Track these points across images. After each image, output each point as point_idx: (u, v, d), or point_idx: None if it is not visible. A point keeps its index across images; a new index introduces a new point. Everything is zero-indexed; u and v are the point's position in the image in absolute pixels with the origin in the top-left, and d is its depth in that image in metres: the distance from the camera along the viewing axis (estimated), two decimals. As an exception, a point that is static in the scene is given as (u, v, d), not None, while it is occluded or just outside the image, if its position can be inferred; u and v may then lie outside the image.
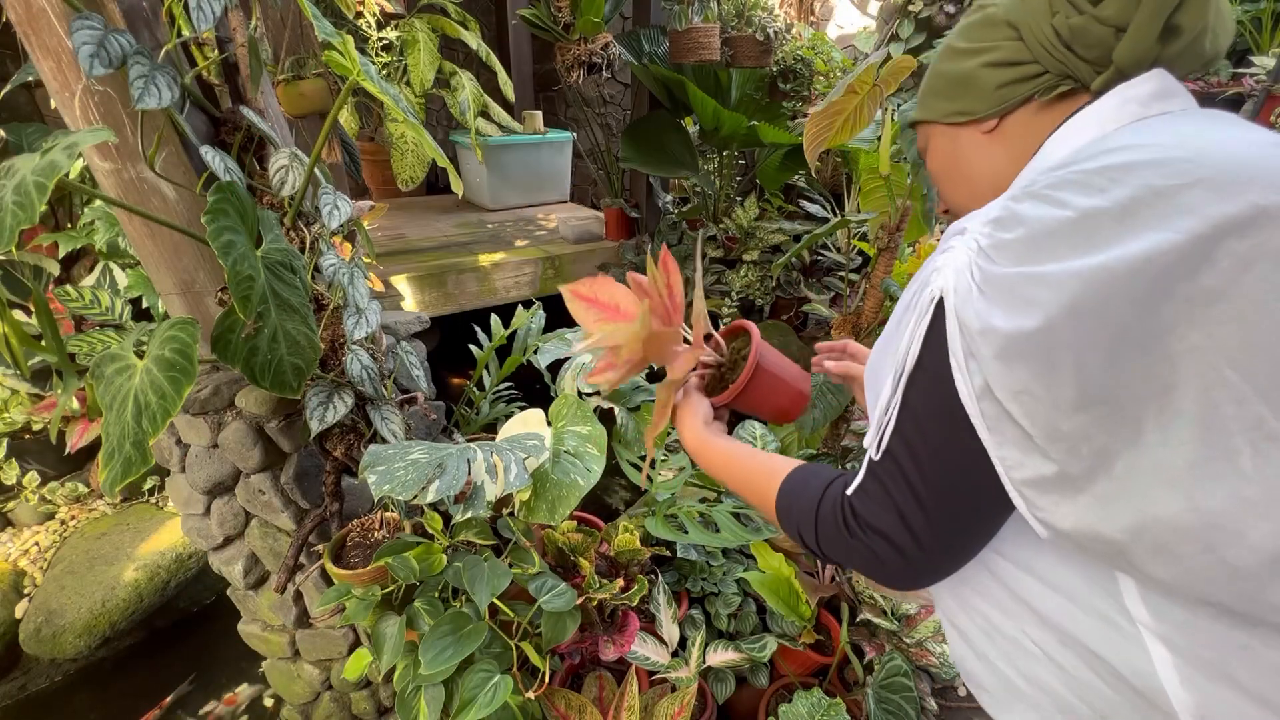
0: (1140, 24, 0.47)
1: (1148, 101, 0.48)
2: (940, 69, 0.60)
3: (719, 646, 1.34)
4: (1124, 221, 0.38)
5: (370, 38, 2.67)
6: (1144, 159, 0.40)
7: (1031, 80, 0.54)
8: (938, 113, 0.61)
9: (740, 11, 2.74)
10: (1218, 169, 0.38)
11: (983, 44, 0.56)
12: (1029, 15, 0.53)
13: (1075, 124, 0.51)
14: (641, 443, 1.37)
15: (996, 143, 0.58)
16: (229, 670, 2.03)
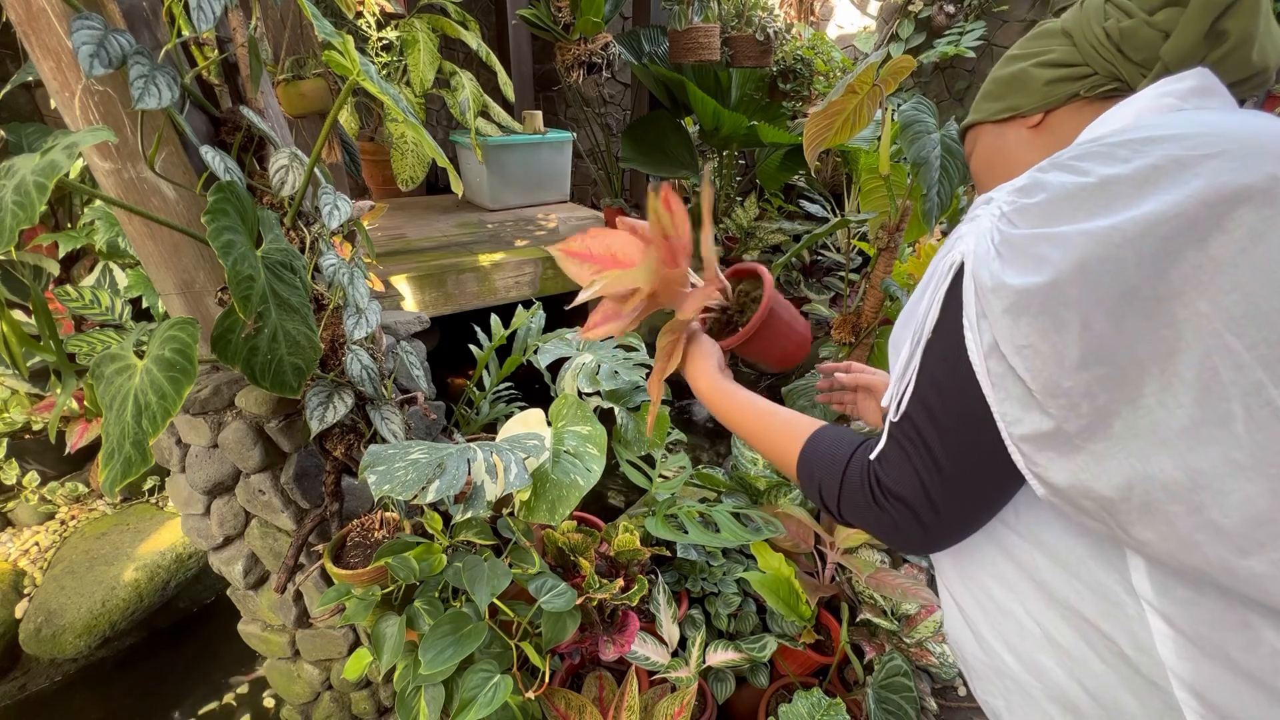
0: (1187, 22, 0.49)
1: (1186, 96, 0.48)
2: (995, 74, 0.63)
3: (719, 646, 1.34)
4: (1142, 188, 0.39)
5: (370, 38, 2.67)
6: (1169, 134, 0.41)
7: (1079, 80, 0.56)
8: (987, 113, 0.63)
9: (740, 11, 2.74)
10: (1240, 143, 0.38)
11: (1037, 48, 0.59)
12: (1082, 20, 0.55)
13: (1113, 111, 0.52)
14: (642, 442, 1.37)
15: (1040, 137, 0.59)
16: (229, 670, 2.03)
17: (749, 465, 1.71)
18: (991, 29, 4.28)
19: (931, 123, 1.30)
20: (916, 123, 1.27)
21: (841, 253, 3.16)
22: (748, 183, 3.74)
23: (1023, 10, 4.16)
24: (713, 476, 1.68)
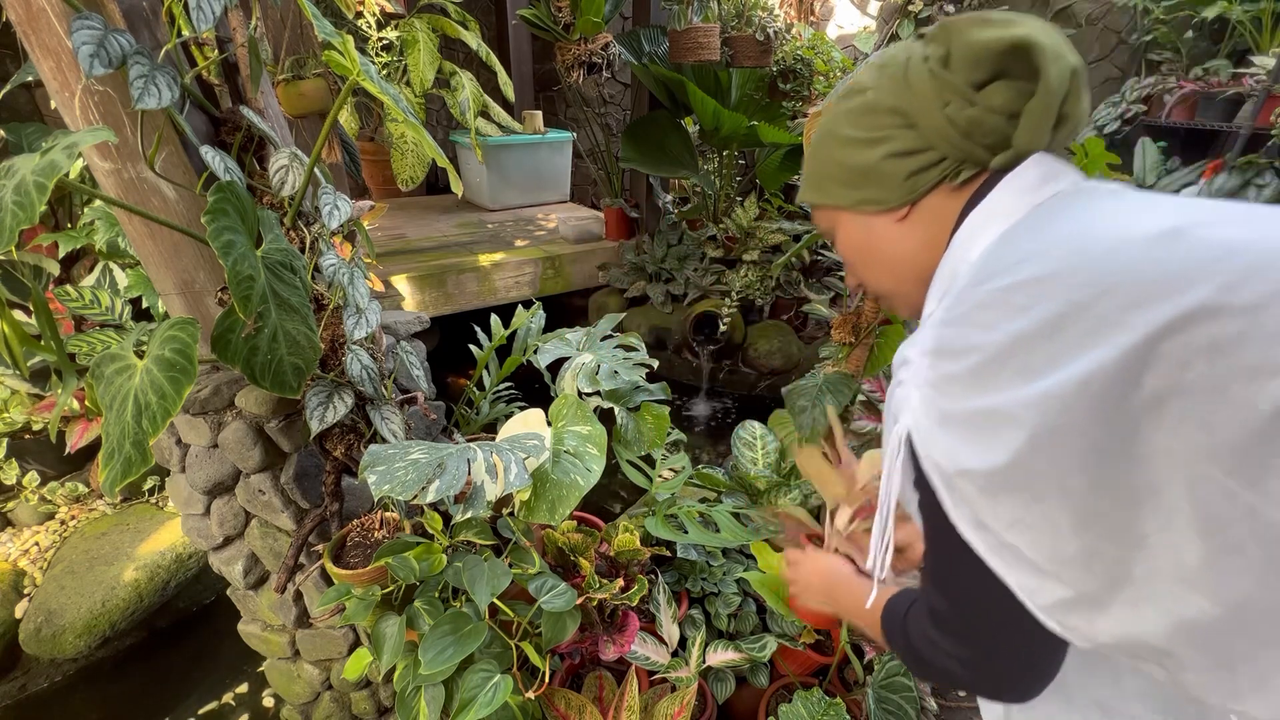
0: (1038, 115, 0.50)
1: (1038, 186, 0.50)
2: (837, 157, 0.60)
3: (719, 646, 1.34)
4: (1055, 340, 0.40)
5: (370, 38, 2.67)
6: (1051, 270, 0.42)
7: (936, 166, 0.55)
8: (845, 200, 0.60)
9: (740, 11, 2.74)
10: (1125, 276, 0.39)
11: (877, 133, 0.56)
12: (919, 106, 0.53)
13: (979, 217, 0.52)
14: (641, 442, 1.37)
15: (911, 228, 0.58)
16: (229, 670, 2.03)
17: (749, 465, 1.72)
18: (991, 29, 4.27)
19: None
20: (916, 123, 1.27)
21: (841, 253, 3.16)
22: (748, 183, 3.74)
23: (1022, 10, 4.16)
24: (713, 476, 1.68)
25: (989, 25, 0.51)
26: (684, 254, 3.37)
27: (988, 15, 0.52)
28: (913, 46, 0.56)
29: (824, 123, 0.61)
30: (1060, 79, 0.49)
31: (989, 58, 0.51)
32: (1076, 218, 0.46)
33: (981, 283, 0.46)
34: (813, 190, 0.64)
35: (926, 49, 0.54)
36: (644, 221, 3.52)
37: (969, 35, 0.51)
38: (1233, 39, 3.30)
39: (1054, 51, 0.49)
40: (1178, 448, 0.37)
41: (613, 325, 1.54)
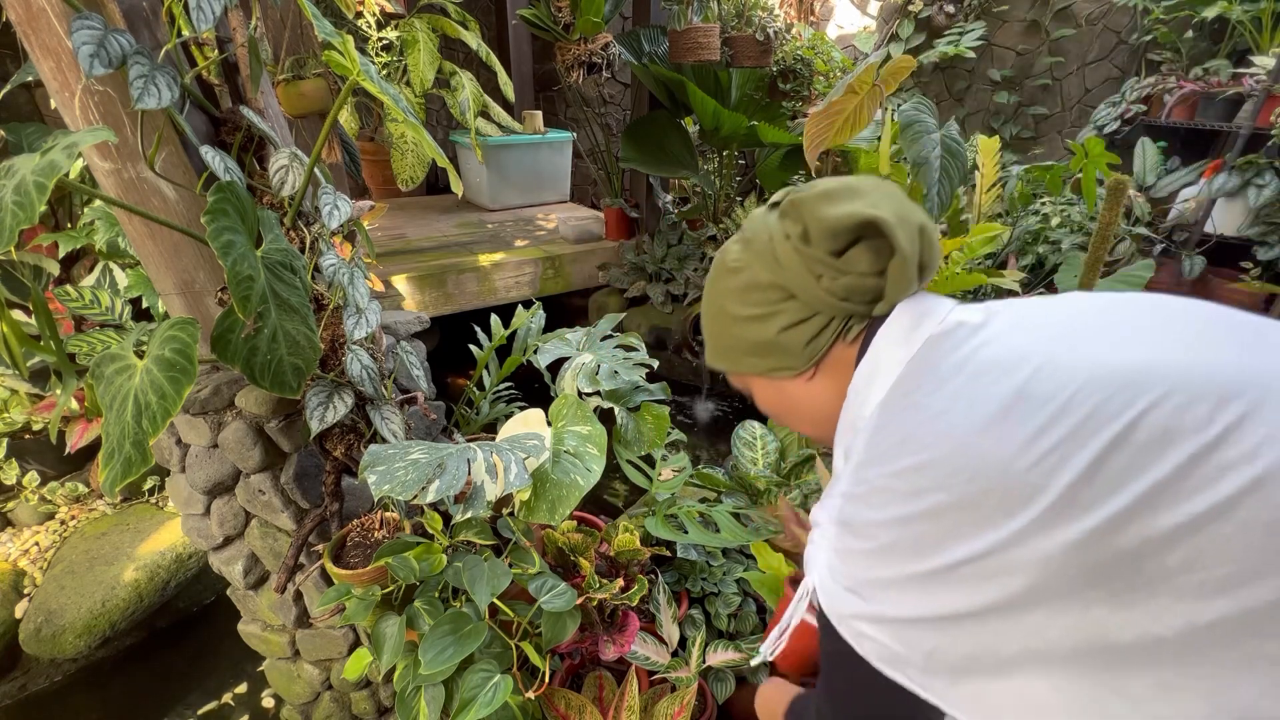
0: (899, 275, 0.56)
1: (910, 333, 0.56)
2: (736, 333, 0.65)
3: (719, 646, 1.33)
4: (939, 524, 0.46)
5: (370, 38, 2.67)
6: (926, 459, 0.48)
7: (827, 329, 0.60)
8: (756, 370, 0.66)
9: (740, 11, 2.74)
10: (981, 470, 0.45)
11: (766, 309, 0.62)
12: (795, 281, 0.59)
13: (864, 371, 0.58)
14: (641, 442, 1.37)
15: (819, 384, 0.64)
16: (229, 670, 2.03)
17: (749, 465, 1.71)
18: (991, 29, 4.27)
19: (931, 123, 1.30)
20: (916, 123, 1.27)
21: (841, 253, 3.17)
22: (748, 183, 3.74)
23: (1022, 10, 4.16)
24: (713, 476, 1.67)
25: (835, 200, 0.57)
26: (684, 254, 3.37)
27: (830, 189, 0.58)
28: (770, 223, 0.61)
29: (713, 299, 0.67)
30: (911, 241, 0.55)
31: (843, 232, 0.56)
32: (945, 382, 0.50)
33: (874, 463, 0.52)
34: (722, 360, 0.69)
35: (784, 226, 0.60)
36: (644, 221, 3.51)
37: (820, 213, 0.56)
38: (1233, 39, 3.30)
39: (898, 218, 0.55)
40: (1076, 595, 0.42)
41: (613, 325, 1.54)
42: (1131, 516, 0.40)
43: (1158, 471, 0.40)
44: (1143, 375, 0.42)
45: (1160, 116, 3.29)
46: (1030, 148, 4.42)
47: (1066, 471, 0.42)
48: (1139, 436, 0.41)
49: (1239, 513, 0.38)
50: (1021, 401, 0.45)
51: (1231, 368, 0.41)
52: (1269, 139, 2.74)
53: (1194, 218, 3.02)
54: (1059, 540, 0.41)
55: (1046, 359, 0.46)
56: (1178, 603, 0.39)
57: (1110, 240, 1.33)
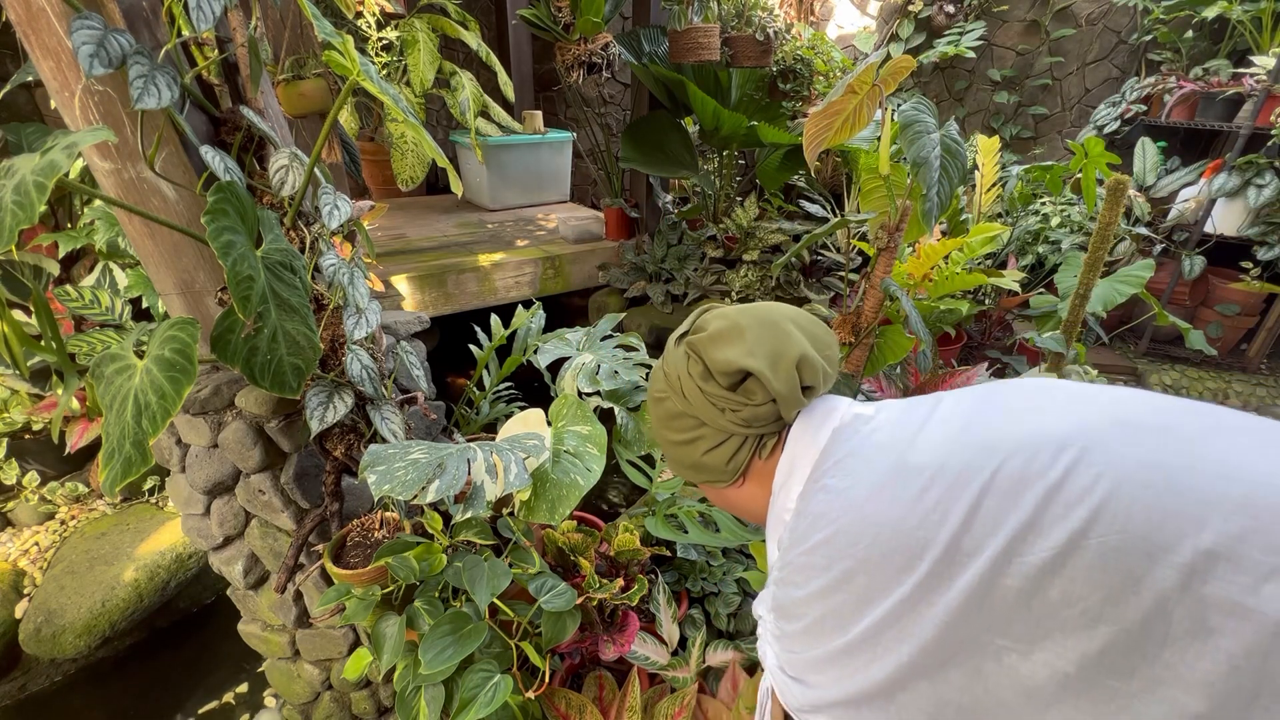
0: (786, 399, 0.64)
1: (816, 432, 0.64)
2: (675, 455, 0.73)
3: (719, 646, 1.33)
4: (850, 588, 0.52)
5: (370, 38, 2.67)
6: (831, 532, 0.54)
7: (743, 448, 0.68)
8: (696, 480, 0.74)
9: (740, 11, 2.74)
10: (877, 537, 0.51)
11: (687, 435, 0.70)
12: (704, 413, 0.67)
13: (784, 469, 0.66)
14: (641, 442, 1.37)
15: (748, 488, 0.72)
16: (229, 670, 2.03)
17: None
18: (991, 29, 4.27)
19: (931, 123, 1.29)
20: (916, 123, 1.27)
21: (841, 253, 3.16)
22: (748, 183, 3.74)
23: (1023, 10, 4.16)
24: (713, 476, 1.67)
25: (721, 345, 0.65)
26: (684, 254, 3.37)
27: (718, 332, 0.66)
28: (680, 359, 0.69)
29: (652, 420, 0.76)
30: (787, 381, 0.63)
31: (732, 373, 0.64)
32: (844, 467, 0.58)
33: (794, 545, 0.58)
34: (674, 470, 0.78)
35: (689, 364, 0.67)
36: (644, 221, 3.52)
37: (713, 355, 0.65)
38: (1233, 39, 3.30)
39: (771, 362, 0.63)
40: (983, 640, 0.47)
41: (613, 325, 1.54)
42: (1010, 555, 0.45)
43: (1020, 512, 0.46)
44: (996, 440, 0.50)
45: (1160, 116, 3.29)
46: (1030, 148, 4.42)
47: (948, 524, 0.48)
48: (1000, 484, 0.47)
49: (1091, 540, 0.43)
50: (902, 471, 0.53)
51: (1062, 426, 0.49)
52: (1269, 139, 2.74)
53: (1194, 218, 3.02)
54: (958, 587, 0.46)
55: (920, 436, 0.55)
56: (1068, 636, 0.43)
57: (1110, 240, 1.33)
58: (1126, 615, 0.42)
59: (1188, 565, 0.41)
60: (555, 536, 1.31)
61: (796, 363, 0.64)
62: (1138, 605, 0.42)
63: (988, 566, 0.46)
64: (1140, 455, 0.45)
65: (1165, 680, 0.41)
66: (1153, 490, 0.43)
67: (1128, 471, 0.45)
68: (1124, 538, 0.42)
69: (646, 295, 3.36)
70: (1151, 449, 0.46)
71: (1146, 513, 0.43)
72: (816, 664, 0.55)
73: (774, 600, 0.59)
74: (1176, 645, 0.41)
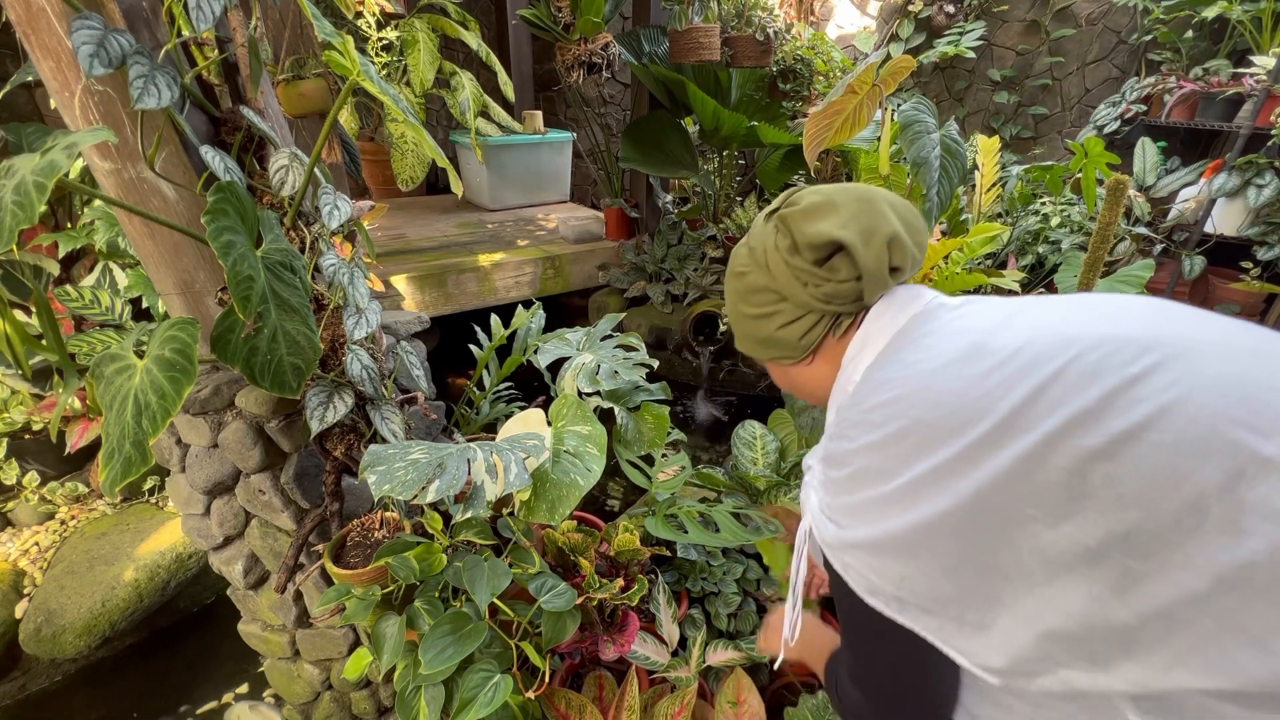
0: (872, 281, 0.65)
1: (896, 316, 0.65)
2: (747, 329, 0.75)
3: (719, 646, 1.33)
4: (901, 445, 0.54)
5: (370, 38, 2.67)
6: (895, 394, 0.57)
7: (818, 326, 0.70)
8: (764, 357, 0.77)
9: (740, 11, 2.74)
10: (940, 400, 0.54)
11: (765, 309, 0.71)
12: (785, 287, 0.68)
13: (856, 344, 0.67)
14: (641, 442, 1.37)
15: (814, 368, 0.74)
16: (229, 670, 2.03)
17: (749, 465, 1.71)
18: (991, 29, 4.27)
19: (931, 123, 1.30)
20: (916, 123, 1.27)
21: (841, 253, 3.17)
22: (748, 183, 3.74)
23: (1022, 10, 4.16)
24: (713, 476, 1.67)
25: (813, 218, 0.65)
26: (684, 254, 3.37)
27: (812, 206, 0.66)
28: (768, 234, 0.70)
29: (729, 296, 0.77)
30: (877, 258, 0.64)
31: (821, 246, 0.64)
32: (918, 344, 0.60)
33: (854, 406, 0.61)
34: (741, 345, 0.80)
35: (777, 238, 0.68)
36: (644, 221, 3.51)
37: (803, 228, 0.65)
38: (1233, 39, 3.29)
39: (864, 238, 0.63)
40: (1015, 508, 0.49)
41: (613, 325, 1.54)
42: (1063, 436, 0.47)
43: (1084, 400, 0.47)
44: (1079, 335, 0.51)
45: (1160, 116, 3.29)
46: (1030, 148, 4.42)
47: (1008, 399, 0.50)
48: (1071, 374, 0.49)
49: (1150, 434, 0.45)
50: (978, 350, 0.54)
51: (1148, 332, 0.50)
52: (1269, 139, 2.74)
53: (1194, 218, 3.02)
54: (1003, 457, 0.48)
55: (1003, 325, 0.56)
56: (1099, 515, 0.46)
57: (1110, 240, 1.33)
58: (1162, 506, 0.44)
59: (1238, 469, 0.42)
60: (555, 536, 1.31)
61: (888, 240, 0.64)
62: (1176, 498, 0.44)
63: (1039, 442, 0.48)
64: (1223, 369, 0.46)
65: (1180, 566, 0.43)
66: (1229, 398, 0.44)
67: (1205, 382, 0.45)
68: (1181, 437, 0.44)
69: (646, 295, 3.36)
70: (1237, 364, 0.46)
71: (1214, 420, 0.44)
72: (853, 509, 0.57)
73: (825, 451, 0.62)
74: (1203, 538, 0.43)
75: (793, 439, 1.86)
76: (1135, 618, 0.45)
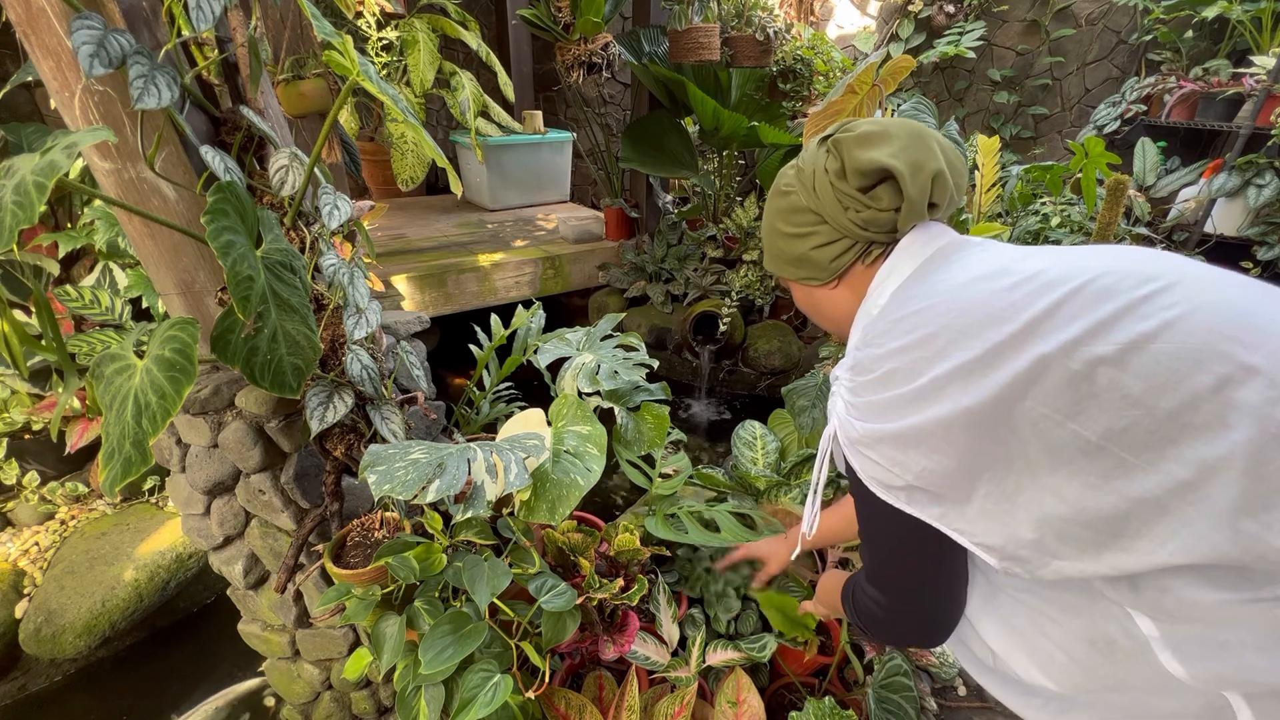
0: (910, 213, 0.69)
1: (922, 248, 0.70)
2: (780, 246, 0.79)
3: (719, 646, 1.33)
4: (929, 348, 0.60)
5: (370, 38, 2.67)
6: (926, 305, 0.63)
7: (850, 251, 0.74)
8: (792, 276, 0.81)
9: (740, 11, 2.74)
10: (969, 306, 0.59)
11: (802, 229, 0.76)
12: (827, 209, 0.72)
13: (884, 272, 0.72)
14: (641, 442, 1.37)
15: (840, 292, 0.79)
16: (229, 670, 2.03)
17: (749, 465, 1.71)
18: (991, 29, 4.27)
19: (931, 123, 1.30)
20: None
21: (841, 253, 3.17)
22: (748, 183, 3.74)
23: (1022, 10, 4.16)
24: (713, 476, 1.68)
25: (866, 145, 0.68)
26: (684, 254, 3.37)
27: (866, 133, 0.69)
28: (819, 157, 0.73)
29: (768, 214, 0.81)
30: (920, 189, 0.67)
31: (870, 173, 0.68)
32: (942, 270, 0.66)
33: (882, 319, 0.66)
34: (771, 264, 0.85)
35: (828, 160, 0.72)
36: (644, 221, 3.51)
37: (854, 154, 0.69)
38: (1233, 39, 3.29)
39: (913, 169, 0.67)
40: (1028, 406, 0.55)
41: (613, 325, 1.54)
42: (1078, 343, 0.53)
43: (1099, 313, 0.54)
44: (1093, 264, 0.58)
45: (1160, 116, 3.29)
46: (1030, 148, 4.42)
47: (1030, 310, 0.56)
48: (1088, 292, 0.55)
49: (1153, 345, 0.51)
50: (1002, 271, 0.61)
51: (1153, 266, 0.57)
52: (1269, 139, 2.74)
53: (1194, 218, 3.02)
54: (1023, 359, 0.54)
55: (1024, 256, 0.63)
56: (1102, 413, 0.52)
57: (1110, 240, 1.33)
58: (1159, 405, 0.50)
59: (1227, 375, 0.49)
60: (555, 536, 1.31)
61: (933, 176, 0.68)
62: (1173, 398, 0.50)
63: (1055, 348, 0.54)
64: (1216, 296, 0.53)
65: (1170, 458, 0.50)
66: (1221, 318, 0.51)
67: (1202, 304, 0.52)
68: (1181, 348, 0.50)
69: (646, 295, 3.36)
70: (1228, 294, 0.54)
71: (1208, 335, 0.50)
72: (879, 407, 0.62)
73: (853, 360, 0.67)
74: (1192, 433, 0.50)
75: (793, 439, 1.86)
76: (1125, 503, 0.52)
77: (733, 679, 1.20)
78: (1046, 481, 0.55)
